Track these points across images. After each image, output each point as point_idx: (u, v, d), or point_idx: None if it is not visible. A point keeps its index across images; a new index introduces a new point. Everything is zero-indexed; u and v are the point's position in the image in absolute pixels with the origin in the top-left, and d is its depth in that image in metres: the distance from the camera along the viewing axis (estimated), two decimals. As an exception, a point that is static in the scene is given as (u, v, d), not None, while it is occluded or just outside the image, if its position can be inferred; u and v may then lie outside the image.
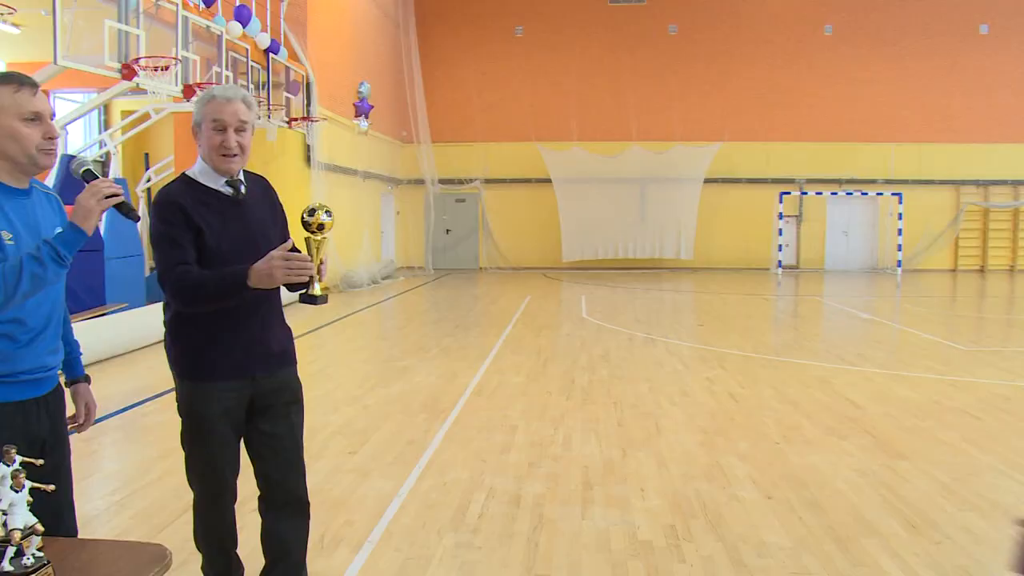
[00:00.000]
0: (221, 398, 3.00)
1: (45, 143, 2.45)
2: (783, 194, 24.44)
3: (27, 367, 2.46)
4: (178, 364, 3.05)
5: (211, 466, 3.07)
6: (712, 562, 3.97)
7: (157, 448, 5.81)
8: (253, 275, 2.77)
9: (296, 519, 3.24)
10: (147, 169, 16.58)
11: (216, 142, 2.94)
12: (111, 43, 9.83)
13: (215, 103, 2.95)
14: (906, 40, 24.64)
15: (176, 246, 2.86)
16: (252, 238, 3.00)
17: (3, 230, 2.37)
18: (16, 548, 1.76)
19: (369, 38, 21.51)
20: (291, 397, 3.20)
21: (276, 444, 3.14)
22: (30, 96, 2.42)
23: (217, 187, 3.01)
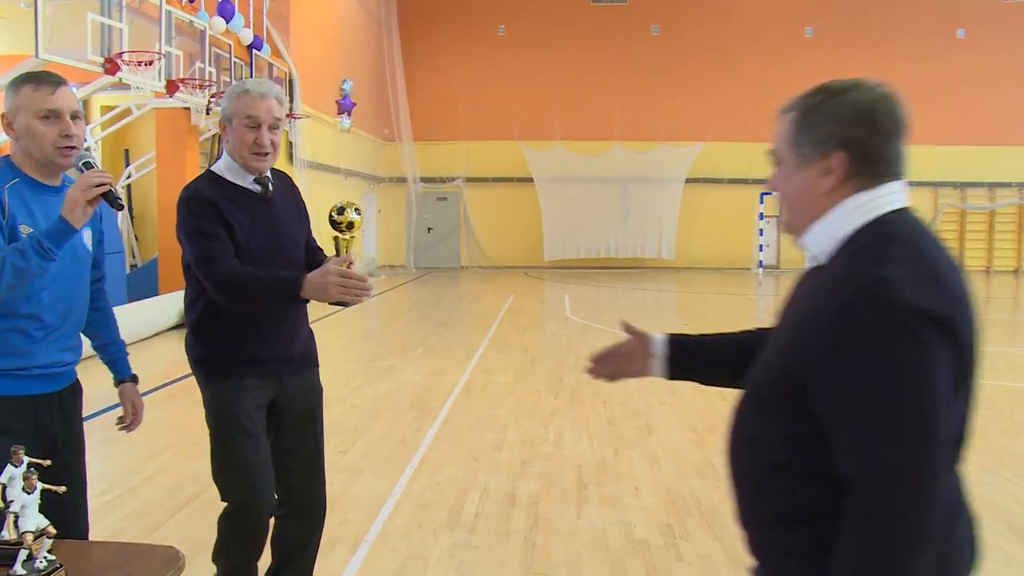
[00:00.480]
0: (253, 396, 2.87)
1: (62, 141, 2.43)
2: (764, 194, 24.59)
3: (41, 362, 2.46)
4: (204, 365, 2.92)
5: (251, 470, 2.85)
6: (710, 561, 3.98)
7: (146, 447, 5.73)
8: (307, 287, 2.66)
9: (314, 525, 3.15)
10: (127, 165, 16.40)
11: (249, 140, 2.81)
12: (94, 37, 9.69)
13: (249, 98, 2.81)
14: (885, 43, 24.86)
15: (215, 239, 2.74)
16: (279, 237, 2.93)
17: (23, 224, 2.39)
18: (28, 551, 1.72)
19: (352, 36, 21.41)
20: (315, 402, 3.10)
21: (301, 451, 3.03)
22: (47, 94, 2.43)
23: (246, 185, 2.89)
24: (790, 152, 1.59)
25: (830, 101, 1.56)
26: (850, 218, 1.50)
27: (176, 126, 13.56)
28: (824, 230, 1.53)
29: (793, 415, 1.46)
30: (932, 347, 1.33)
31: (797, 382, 1.44)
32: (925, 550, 1.34)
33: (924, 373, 1.32)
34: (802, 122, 1.58)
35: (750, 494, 1.59)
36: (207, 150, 15.79)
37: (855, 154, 1.51)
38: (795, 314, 1.57)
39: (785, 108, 1.64)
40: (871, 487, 1.34)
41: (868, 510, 1.35)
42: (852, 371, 1.35)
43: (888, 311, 1.33)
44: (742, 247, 25.01)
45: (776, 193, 1.65)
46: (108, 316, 2.87)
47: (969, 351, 1.41)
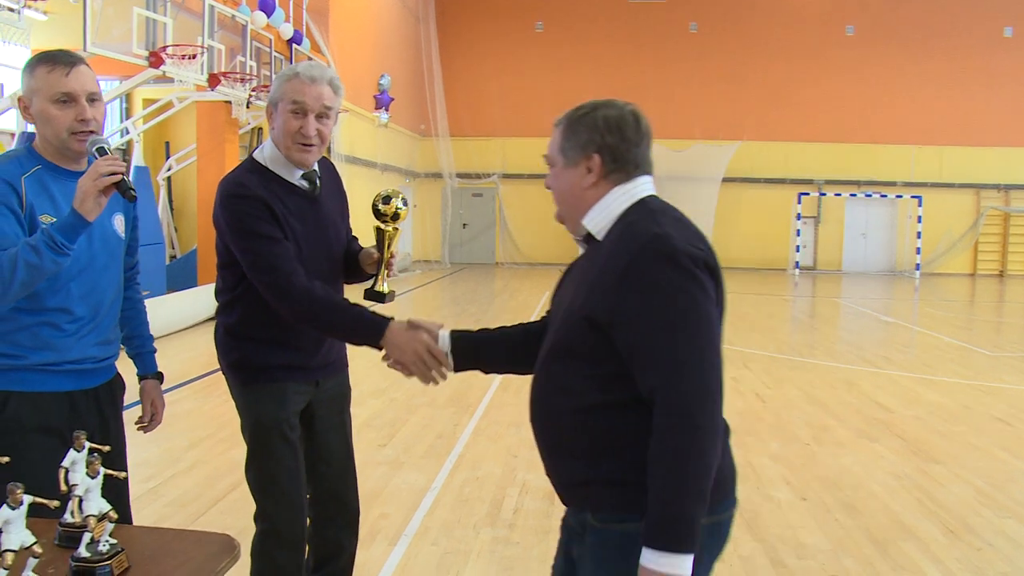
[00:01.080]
0: (291, 402, 2.69)
1: (77, 125, 2.31)
2: (802, 195, 24.37)
3: (74, 357, 2.37)
4: (241, 369, 2.70)
5: (292, 481, 2.70)
6: (751, 562, 3.94)
7: (186, 437, 5.81)
8: (387, 343, 2.35)
9: (349, 527, 2.98)
10: (168, 158, 16.60)
11: (293, 127, 2.54)
12: (139, 31, 9.82)
13: (297, 82, 2.54)
14: (929, 42, 24.46)
15: (276, 242, 2.50)
16: (327, 240, 2.72)
17: (44, 213, 2.28)
18: (91, 535, 1.74)
19: (390, 31, 21.50)
20: (345, 403, 2.95)
21: (332, 455, 2.88)
22: (61, 76, 2.29)
23: (294, 180, 2.63)
24: (560, 156, 1.96)
25: (588, 115, 1.92)
26: (619, 202, 1.90)
27: (217, 119, 13.70)
28: (600, 212, 1.91)
29: (600, 358, 1.81)
30: (702, 281, 1.76)
31: (602, 326, 1.78)
32: (719, 436, 1.73)
33: (700, 299, 1.75)
34: (568, 132, 1.94)
35: (564, 441, 1.88)
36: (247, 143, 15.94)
37: (607, 156, 1.90)
38: (581, 280, 1.90)
39: (557, 121, 1.98)
40: (673, 387, 1.70)
41: (673, 406, 1.70)
42: (647, 305, 1.74)
43: (669, 256, 1.74)
44: (778, 247, 24.77)
45: (551, 189, 2.01)
46: (138, 308, 2.73)
47: (723, 289, 1.85)
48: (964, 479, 5.24)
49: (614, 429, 1.80)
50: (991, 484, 5.14)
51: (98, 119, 2.36)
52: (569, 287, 1.99)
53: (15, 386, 2.31)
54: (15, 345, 2.30)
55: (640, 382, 1.75)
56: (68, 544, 1.84)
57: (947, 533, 4.33)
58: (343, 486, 2.93)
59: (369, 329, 2.39)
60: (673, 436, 1.69)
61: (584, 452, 1.84)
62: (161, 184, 15.83)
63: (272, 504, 2.71)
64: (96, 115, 2.35)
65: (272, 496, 2.71)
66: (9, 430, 2.27)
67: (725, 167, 24.44)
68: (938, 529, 4.39)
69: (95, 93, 2.36)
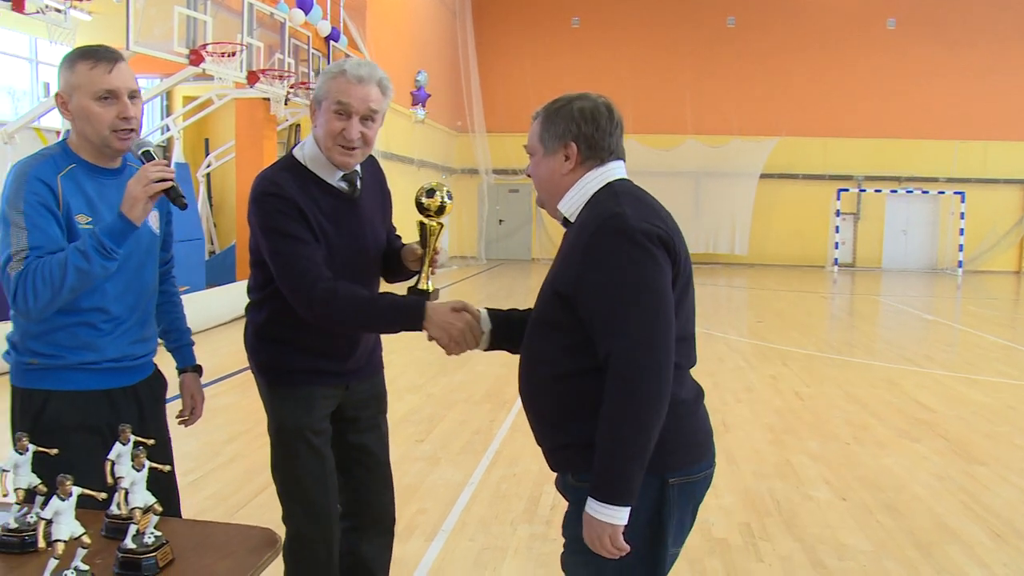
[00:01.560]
0: (319, 406, 2.60)
1: (119, 123, 2.29)
2: (841, 191, 24.06)
3: (112, 356, 2.37)
4: (270, 370, 2.63)
5: (317, 486, 2.61)
6: (791, 562, 3.90)
7: (225, 431, 5.87)
8: (428, 323, 2.31)
9: (383, 539, 2.86)
10: (207, 155, 16.81)
11: (336, 129, 2.42)
12: (180, 29, 9.94)
13: (343, 81, 2.41)
14: (972, 33, 23.97)
15: (304, 244, 2.40)
16: (364, 245, 2.60)
17: (80, 213, 2.26)
18: (137, 527, 1.77)
19: (426, 27, 21.55)
20: (381, 406, 2.84)
21: (368, 460, 2.77)
22: (104, 72, 2.26)
23: (333, 182, 2.52)
24: (539, 145, 2.10)
25: (565, 107, 2.06)
26: (590, 186, 2.05)
27: (255, 116, 13.84)
28: (572, 196, 2.07)
29: (569, 328, 1.96)
30: (655, 254, 1.89)
31: (566, 298, 1.95)
32: (663, 404, 1.86)
33: (652, 273, 1.89)
34: (546, 123, 2.08)
35: (545, 407, 2.05)
36: (284, 139, 16.07)
37: (583, 144, 2.05)
38: (558, 259, 2.07)
39: (535, 114, 2.13)
40: (622, 355, 1.85)
41: (621, 372, 1.84)
42: (603, 278, 1.89)
43: (623, 231, 1.89)
44: (817, 244, 24.47)
45: (532, 177, 2.16)
46: (174, 301, 2.73)
47: (683, 264, 1.99)
48: (1010, 481, 5.14)
49: (586, 393, 1.94)
50: (1038, 486, 5.04)
51: (137, 117, 2.35)
52: (556, 258, 2.12)
53: (55, 385, 2.32)
54: (54, 345, 2.31)
55: (598, 349, 1.91)
56: (114, 535, 1.87)
57: (993, 536, 4.25)
58: (379, 493, 2.81)
59: (408, 315, 2.35)
60: (617, 401, 1.85)
61: (562, 417, 2.01)
62: (200, 180, 16.02)
63: (298, 509, 2.64)
64: (136, 113, 2.34)
65: (297, 501, 2.63)
66: (50, 429, 2.27)
67: (763, 163, 24.19)
68: (984, 532, 4.31)
69: (135, 91, 2.34)
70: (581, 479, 1.95)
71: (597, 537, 1.88)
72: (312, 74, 14.24)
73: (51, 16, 8.13)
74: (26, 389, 2.34)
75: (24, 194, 2.21)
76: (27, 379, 2.34)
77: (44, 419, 2.31)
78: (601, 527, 1.87)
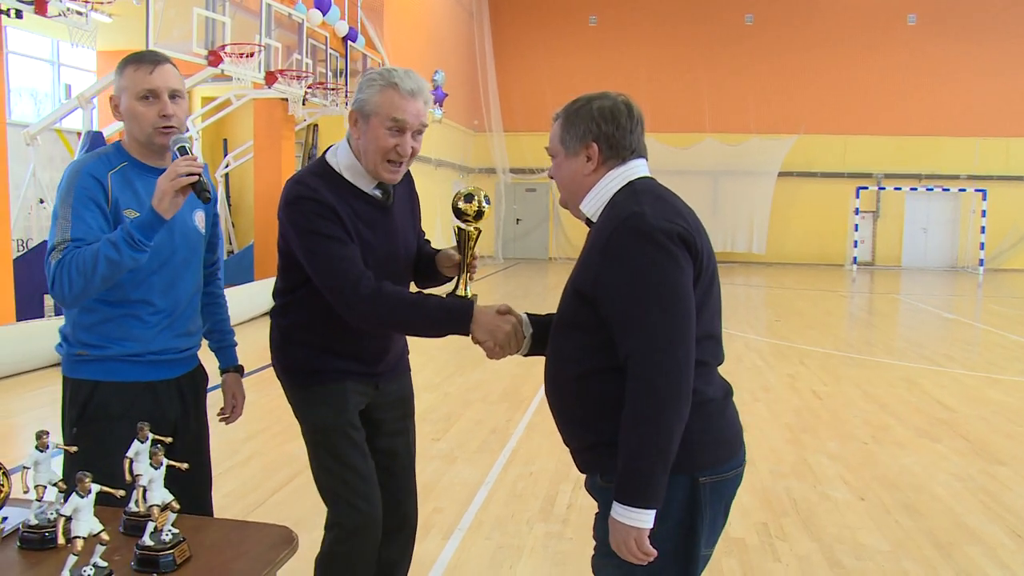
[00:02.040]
0: (353, 402, 2.57)
1: (160, 121, 2.38)
2: (860, 189, 23.91)
3: (156, 348, 2.45)
4: (297, 372, 2.60)
5: (364, 480, 2.54)
6: (808, 562, 3.88)
7: (244, 429, 5.90)
8: (476, 325, 2.30)
9: (406, 544, 2.82)
10: (225, 155, 16.92)
11: (389, 145, 2.39)
12: (199, 30, 10.01)
13: (396, 95, 2.37)
14: (993, 29, 23.74)
15: (343, 244, 2.37)
16: (396, 252, 2.58)
17: (128, 208, 2.35)
18: (155, 524, 1.78)
19: (443, 27, 21.59)
20: (408, 409, 2.80)
21: (394, 464, 2.72)
22: (146, 73, 2.37)
23: (369, 191, 2.49)
24: (560, 147, 2.09)
25: (584, 107, 2.05)
26: (611, 185, 2.04)
27: (273, 116, 13.91)
28: (594, 196, 2.06)
29: (592, 327, 1.95)
30: (675, 253, 1.87)
31: (587, 298, 1.95)
32: (684, 404, 1.84)
33: (672, 272, 1.86)
34: (567, 124, 2.07)
35: (572, 408, 2.03)
36: (302, 139, 16.15)
37: (604, 144, 2.04)
38: (580, 258, 2.06)
39: (556, 115, 2.11)
40: (641, 355, 1.83)
41: (640, 373, 1.83)
42: (623, 278, 1.88)
43: (643, 232, 1.87)
44: (836, 243, 24.34)
45: (554, 179, 2.14)
46: (219, 302, 2.81)
47: (706, 262, 1.95)
48: (1031, 481, 5.09)
49: (610, 392, 1.92)
50: (1059, 487, 4.99)
51: (180, 116, 2.42)
52: (579, 259, 2.11)
53: (102, 376, 2.41)
54: (101, 336, 2.40)
55: (618, 349, 1.90)
56: (132, 532, 1.89)
57: (1014, 537, 4.21)
58: (405, 497, 2.77)
59: (456, 317, 2.32)
60: (639, 401, 1.83)
61: (588, 416, 2.00)
62: (219, 181, 16.13)
63: (347, 510, 2.54)
64: (178, 112, 2.41)
65: (346, 501, 2.54)
66: (97, 417, 2.39)
67: (781, 161, 24.08)
68: (1004, 533, 4.27)
69: (177, 91, 2.42)
70: (608, 480, 1.93)
71: (623, 541, 1.86)
72: (330, 74, 14.31)
73: (72, 19, 8.20)
74: (75, 379, 2.43)
75: (75, 189, 2.33)
76: (76, 370, 2.43)
77: (90, 409, 2.41)
78: (626, 531, 1.84)
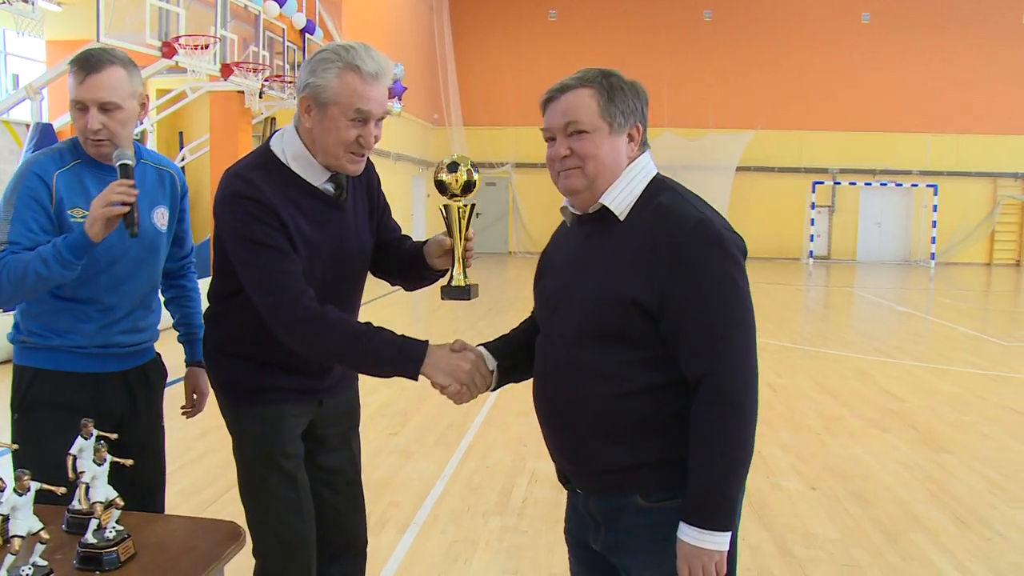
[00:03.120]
0: (289, 426, 2.32)
1: (88, 134, 2.32)
2: (816, 184, 24.23)
3: (101, 342, 2.42)
4: (234, 388, 2.34)
5: (291, 514, 2.32)
6: (760, 551, 3.95)
7: (198, 426, 5.79)
8: (430, 368, 2.04)
9: (355, 563, 2.59)
10: (181, 148, 16.68)
11: (351, 137, 2.13)
12: (152, 21, 9.85)
13: (358, 81, 2.09)
14: (945, 29, 24.22)
15: (283, 256, 2.11)
16: (349, 253, 2.31)
17: (76, 207, 2.31)
18: (98, 521, 1.77)
19: (403, 20, 21.48)
20: (353, 422, 2.57)
21: (336, 479, 2.49)
22: (77, 83, 2.29)
23: (319, 185, 2.22)
24: (602, 121, 1.84)
25: (624, 82, 1.88)
26: (638, 179, 1.87)
27: (230, 109, 13.75)
28: (623, 187, 1.86)
29: (644, 342, 1.79)
30: (743, 267, 1.80)
31: (650, 311, 1.76)
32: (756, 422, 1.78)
33: (744, 286, 1.78)
34: (612, 94, 1.85)
35: (606, 426, 1.83)
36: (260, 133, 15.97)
37: (642, 125, 1.89)
38: (602, 261, 1.83)
39: (583, 81, 1.87)
40: (725, 374, 1.73)
41: (724, 393, 1.73)
42: (699, 291, 1.74)
43: (717, 243, 1.75)
44: (792, 237, 24.65)
45: (581, 156, 1.85)
46: (189, 295, 2.78)
47: None
48: (976, 469, 5.22)
49: (662, 410, 1.81)
50: (1003, 474, 5.12)
51: (112, 128, 2.31)
52: (571, 269, 1.91)
53: (44, 364, 2.41)
54: (45, 326, 2.40)
55: (687, 366, 1.77)
56: (76, 530, 1.87)
57: (958, 523, 4.32)
58: (350, 516, 2.55)
59: (407, 356, 2.05)
60: (723, 421, 1.73)
61: (631, 436, 1.83)
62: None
63: (272, 541, 2.34)
64: (110, 124, 2.31)
65: (272, 532, 2.33)
66: (36, 405, 2.39)
67: (739, 156, 24.34)
68: (948, 519, 4.38)
69: (109, 103, 2.29)
70: (654, 500, 1.84)
71: (703, 567, 1.76)
72: (287, 67, 14.17)
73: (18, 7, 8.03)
74: (20, 366, 2.44)
75: (19, 189, 2.31)
76: (22, 357, 2.45)
77: (29, 395, 2.41)
78: (708, 556, 1.75)
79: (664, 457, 1.82)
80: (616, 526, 1.89)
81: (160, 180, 2.55)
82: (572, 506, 2.06)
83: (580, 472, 1.93)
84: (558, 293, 1.93)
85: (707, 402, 1.74)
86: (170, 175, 2.59)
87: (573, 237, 1.96)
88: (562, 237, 2.03)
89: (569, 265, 1.92)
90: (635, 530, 1.87)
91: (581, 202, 1.90)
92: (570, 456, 1.93)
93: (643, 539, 1.86)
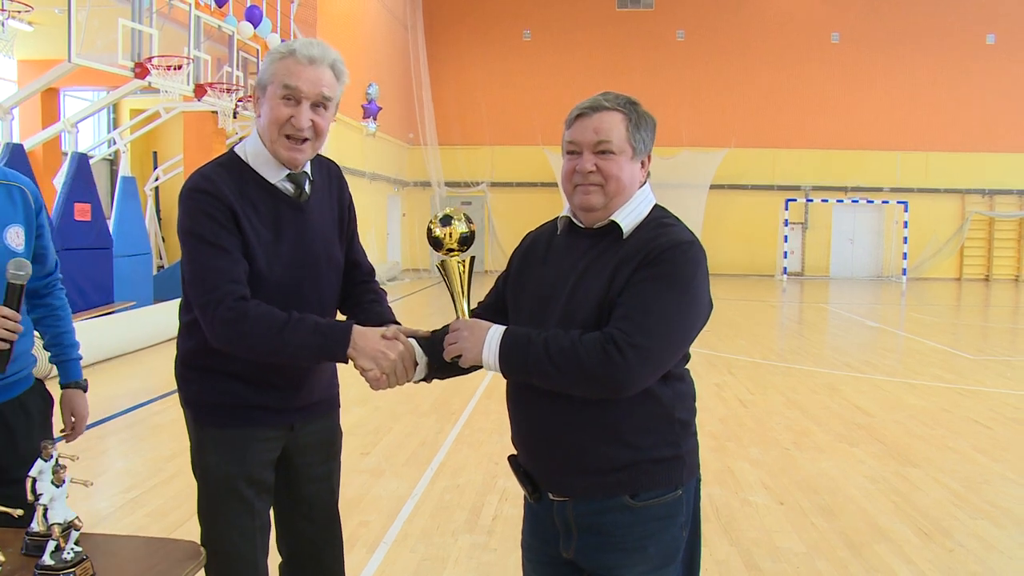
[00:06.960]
0: (255, 451, 2.25)
1: None
2: (789, 201, 24.50)
3: None
4: (199, 407, 2.28)
5: (245, 544, 2.27)
6: (726, 566, 3.98)
7: (168, 447, 5.82)
8: (356, 351, 2.03)
9: None
10: (155, 168, 16.63)
11: (282, 117, 2.11)
12: (125, 42, 9.86)
13: (292, 62, 2.11)
14: (913, 49, 24.66)
15: (225, 255, 2.07)
16: (313, 256, 2.25)
17: None
18: (56, 543, 1.77)
19: (378, 40, 21.57)
20: (333, 451, 2.48)
21: (313, 511, 2.42)
22: None
23: (276, 181, 2.20)
24: (628, 146, 1.95)
25: (646, 113, 2.00)
26: (645, 204, 1.98)
27: (204, 129, 13.76)
28: (633, 208, 1.96)
29: None
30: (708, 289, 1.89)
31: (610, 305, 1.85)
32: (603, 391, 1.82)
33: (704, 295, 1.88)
34: (639, 123, 1.96)
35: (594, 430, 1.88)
36: (234, 153, 15.94)
37: (650, 156, 2.02)
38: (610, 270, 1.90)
39: (614, 104, 1.96)
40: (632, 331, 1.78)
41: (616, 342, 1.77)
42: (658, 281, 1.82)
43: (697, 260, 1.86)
44: (766, 254, 24.89)
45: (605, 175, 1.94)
46: (58, 314, 2.59)
47: None
48: (940, 482, 5.29)
49: (652, 411, 1.89)
50: (966, 486, 5.20)
51: None
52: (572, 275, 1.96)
53: None
54: None
55: (611, 319, 1.82)
56: (35, 553, 1.86)
57: (921, 535, 4.38)
58: (326, 548, 2.46)
59: (332, 341, 2.04)
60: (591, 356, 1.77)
61: (631, 435, 1.88)
62: (148, 195, 15.85)
63: (219, 565, 2.27)
64: None
65: (222, 559, 2.27)
66: None
67: (713, 174, 24.57)
68: (912, 531, 4.44)
69: None
70: (641, 499, 1.89)
71: None
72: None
73: (-11, 28, 8.02)
74: None
75: None
76: None
77: None
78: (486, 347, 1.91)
79: (653, 457, 1.89)
80: (598, 528, 1.92)
81: (10, 197, 2.34)
82: (535, 519, 2.07)
83: (564, 475, 1.94)
84: (553, 296, 1.97)
85: (603, 335, 1.79)
86: (20, 190, 2.37)
87: (573, 246, 2.02)
88: (554, 240, 2.10)
89: (570, 271, 1.97)
90: (620, 529, 1.91)
91: (591, 219, 1.98)
92: (554, 459, 1.95)
93: (628, 537, 1.91)
